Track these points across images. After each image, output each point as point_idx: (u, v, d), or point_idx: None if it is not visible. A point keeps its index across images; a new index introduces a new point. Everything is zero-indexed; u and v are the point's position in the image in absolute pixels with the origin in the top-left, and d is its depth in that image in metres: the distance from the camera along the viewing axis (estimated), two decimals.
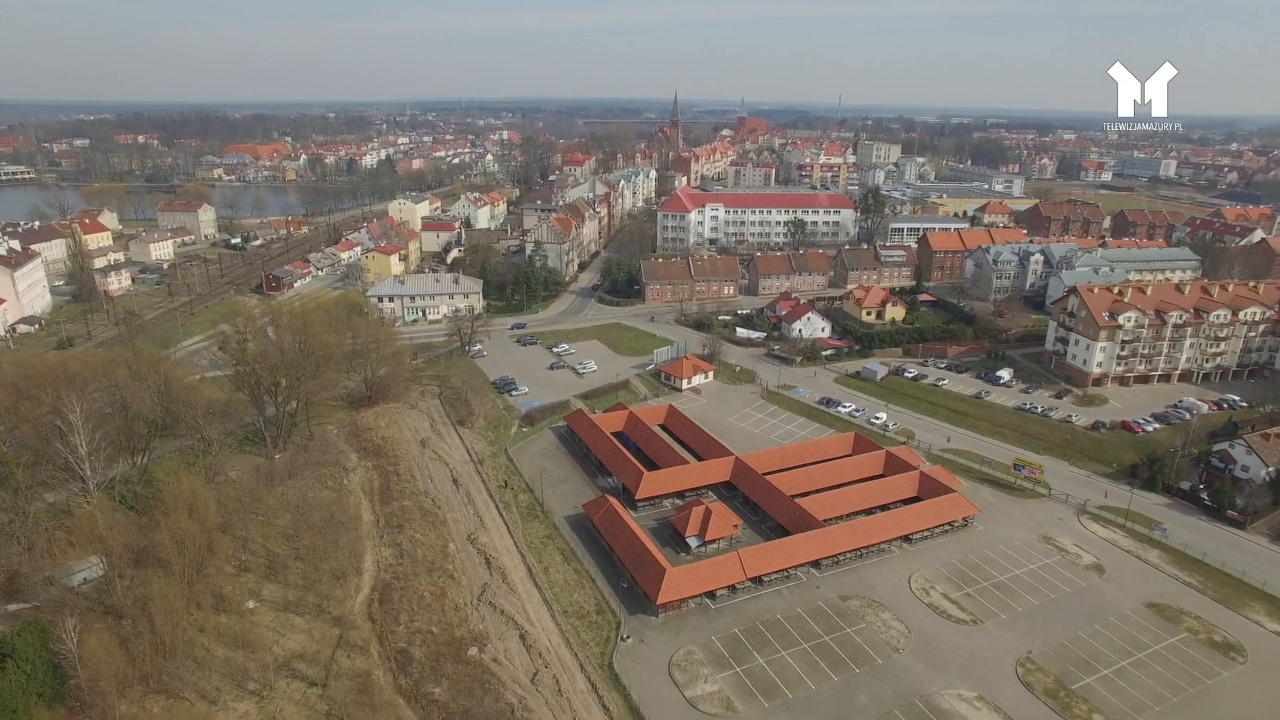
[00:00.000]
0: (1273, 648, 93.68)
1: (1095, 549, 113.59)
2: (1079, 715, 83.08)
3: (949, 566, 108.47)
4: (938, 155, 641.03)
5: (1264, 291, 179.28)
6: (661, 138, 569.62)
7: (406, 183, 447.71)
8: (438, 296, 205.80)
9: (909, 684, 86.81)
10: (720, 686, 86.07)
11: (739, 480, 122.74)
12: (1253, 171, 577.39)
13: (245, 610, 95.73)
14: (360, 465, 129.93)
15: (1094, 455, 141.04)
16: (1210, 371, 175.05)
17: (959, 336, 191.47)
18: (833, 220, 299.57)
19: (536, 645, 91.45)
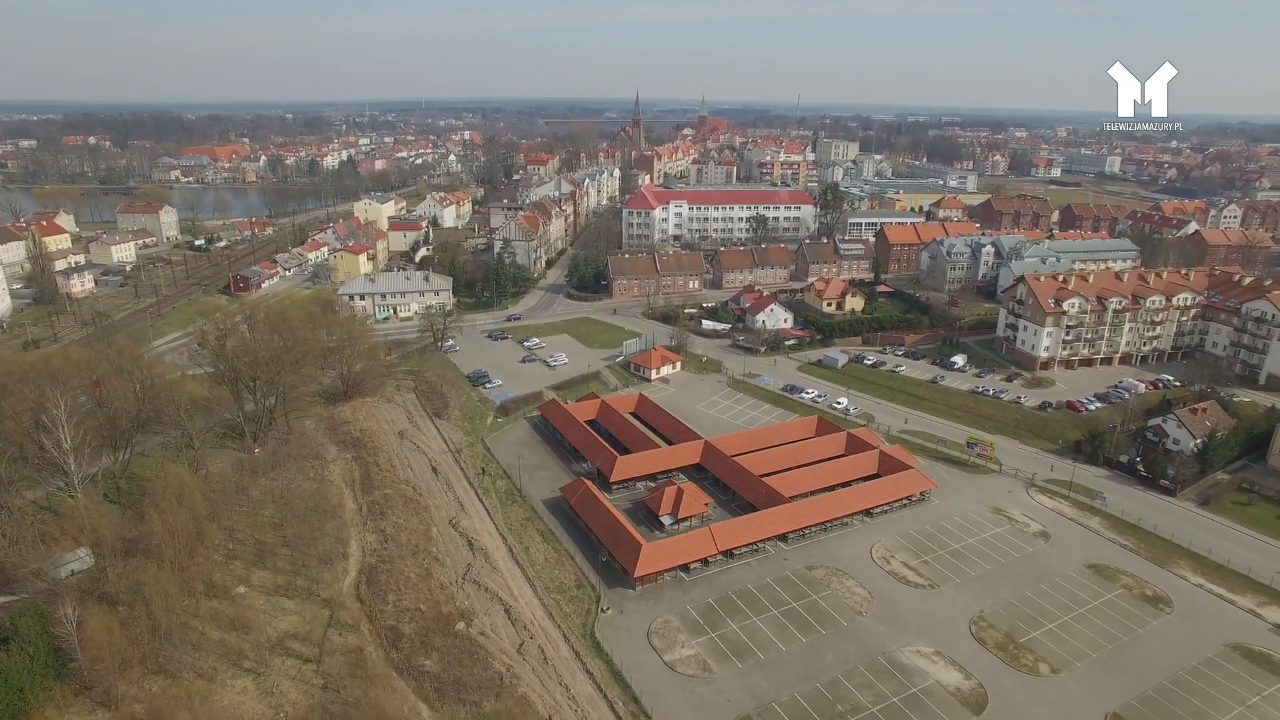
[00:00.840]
0: (1195, 598, 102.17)
1: (1042, 518, 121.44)
2: (1026, 664, 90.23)
3: (907, 537, 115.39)
4: (894, 153, 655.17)
5: (1194, 279, 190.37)
6: (624, 137, 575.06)
7: (370, 183, 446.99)
8: (408, 294, 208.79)
9: (872, 643, 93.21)
10: (696, 650, 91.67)
11: (708, 462, 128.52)
12: (1190, 168, 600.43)
13: (235, 595, 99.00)
14: (340, 457, 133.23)
15: (1041, 433, 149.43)
16: (1147, 354, 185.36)
17: (915, 325, 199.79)
18: (793, 216, 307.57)
19: (521, 619, 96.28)
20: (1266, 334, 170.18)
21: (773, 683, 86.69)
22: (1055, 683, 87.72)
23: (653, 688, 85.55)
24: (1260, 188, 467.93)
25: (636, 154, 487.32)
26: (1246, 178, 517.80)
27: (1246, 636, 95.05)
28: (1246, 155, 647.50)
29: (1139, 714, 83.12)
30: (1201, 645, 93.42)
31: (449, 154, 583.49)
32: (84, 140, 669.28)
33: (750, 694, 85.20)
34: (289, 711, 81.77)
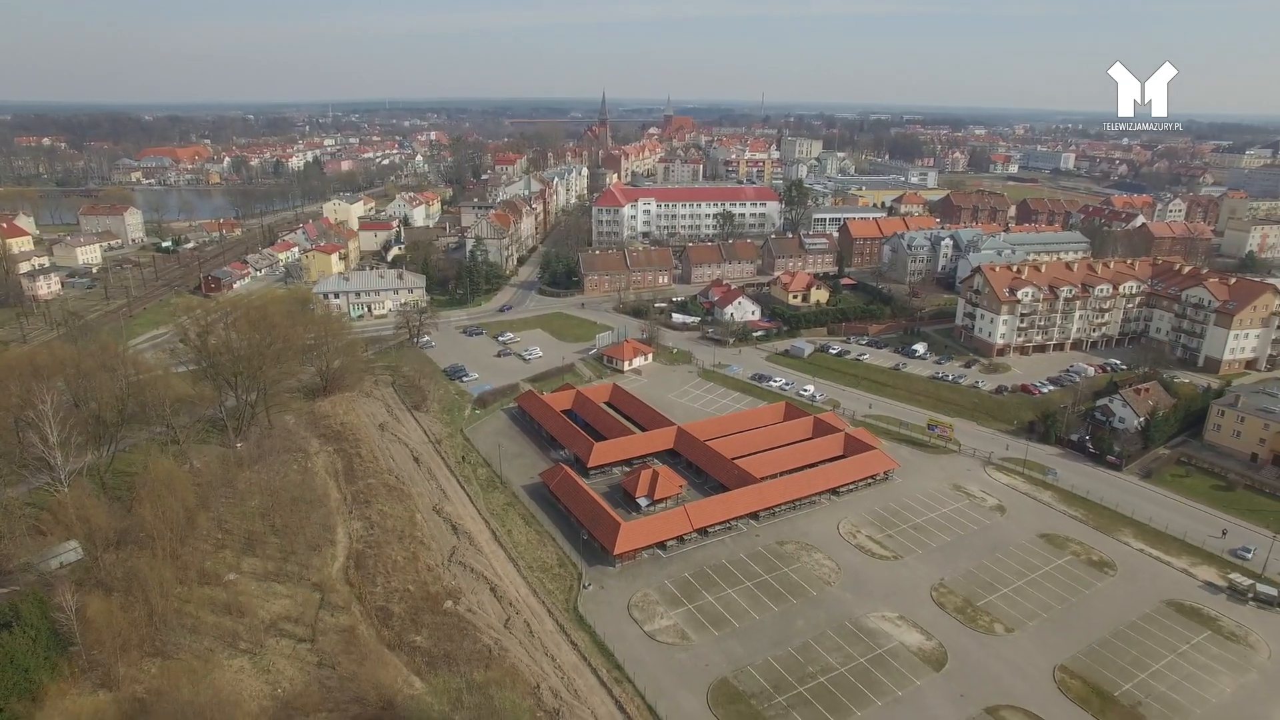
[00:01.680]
0: (1136, 561, 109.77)
1: (998, 493, 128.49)
2: (983, 625, 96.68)
3: (872, 513, 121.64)
4: (857, 150, 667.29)
5: (1139, 268, 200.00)
6: (591, 136, 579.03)
7: (337, 184, 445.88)
8: (382, 292, 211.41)
9: (840, 610, 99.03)
10: (675, 621, 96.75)
11: (681, 447, 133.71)
12: (1140, 164, 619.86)
13: (227, 582, 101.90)
14: (322, 450, 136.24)
15: (997, 415, 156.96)
16: (1097, 340, 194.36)
17: (878, 315, 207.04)
18: (759, 212, 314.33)
19: (507, 596, 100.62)
20: (1203, 319, 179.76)
21: (747, 648, 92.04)
22: (1009, 640, 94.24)
23: (634, 656, 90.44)
24: (1204, 183, 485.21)
25: (604, 153, 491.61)
26: (1191, 174, 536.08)
27: (1180, 593, 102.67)
28: (1192, 153, 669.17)
29: (1084, 665, 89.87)
30: (1141, 602, 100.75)
31: (415, 154, 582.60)
32: (37, 141, 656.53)
33: (726, 659, 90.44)
34: (286, 688, 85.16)
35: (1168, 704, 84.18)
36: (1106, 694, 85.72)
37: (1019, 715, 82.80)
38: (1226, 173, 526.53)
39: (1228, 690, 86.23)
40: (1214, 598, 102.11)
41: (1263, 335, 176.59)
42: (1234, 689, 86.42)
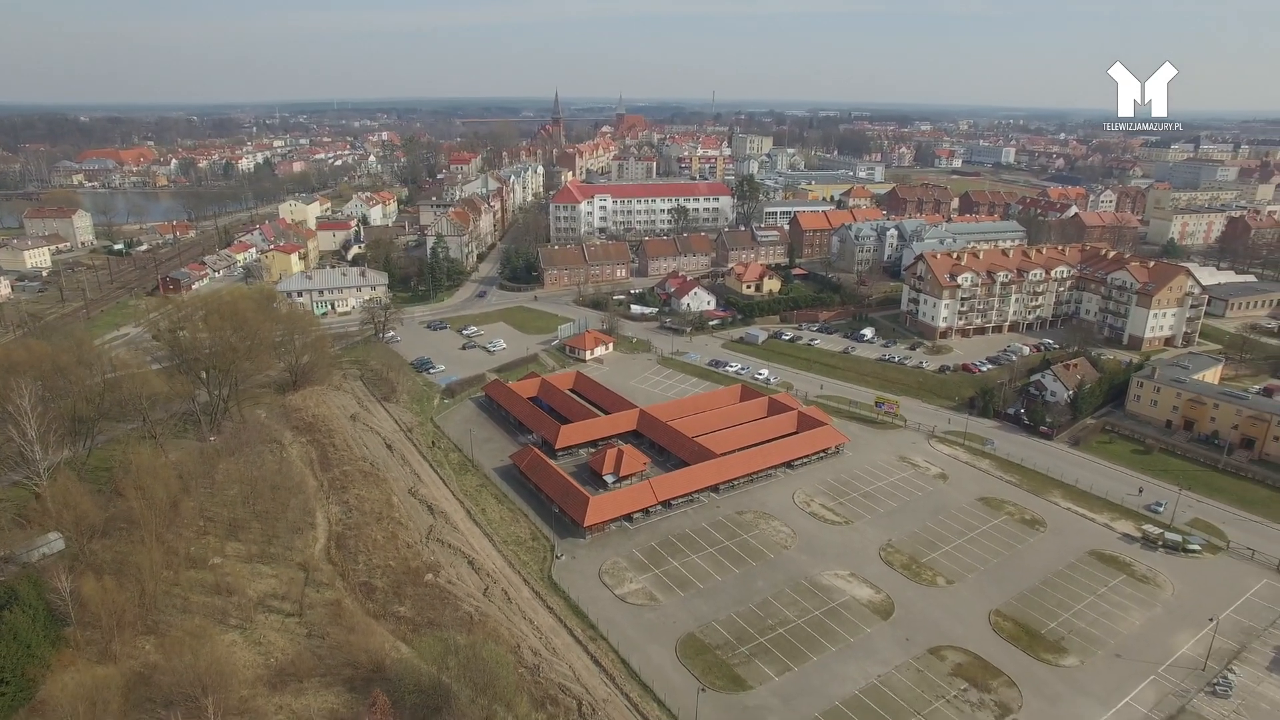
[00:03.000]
0: (1064, 519, 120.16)
1: (941, 463, 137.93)
2: (926, 579, 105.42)
3: (825, 484, 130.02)
4: (807, 146, 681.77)
5: (1069, 254, 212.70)
6: (544, 135, 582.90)
7: (290, 185, 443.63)
8: (345, 290, 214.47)
9: (796, 570, 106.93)
10: (643, 585, 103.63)
11: (644, 428, 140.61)
12: (1076, 158, 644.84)
13: (212, 565, 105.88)
14: (296, 440, 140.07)
15: (941, 392, 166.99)
16: (1032, 322, 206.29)
17: (828, 303, 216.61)
18: (712, 207, 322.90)
19: (484, 568, 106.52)
20: (1127, 300, 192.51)
21: (711, 606, 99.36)
22: (949, 591, 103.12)
23: (607, 616, 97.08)
24: (1133, 175, 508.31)
25: (558, 151, 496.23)
26: (1122, 166, 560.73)
27: (1101, 544, 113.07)
28: (1123, 147, 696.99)
29: (1015, 609, 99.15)
30: (1067, 554, 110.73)
31: (369, 155, 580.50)
32: None
33: (692, 616, 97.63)
34: (279, 657, 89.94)
35: (1086, 637, 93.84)
36: (1034, 632, 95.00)
37: (958, 653, 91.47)
38: (1154, 166, 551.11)
39: (1137, 623, 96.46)
40: (1130, 547, 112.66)
41: (1178, 314, 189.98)
42: (1142, 621, 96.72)
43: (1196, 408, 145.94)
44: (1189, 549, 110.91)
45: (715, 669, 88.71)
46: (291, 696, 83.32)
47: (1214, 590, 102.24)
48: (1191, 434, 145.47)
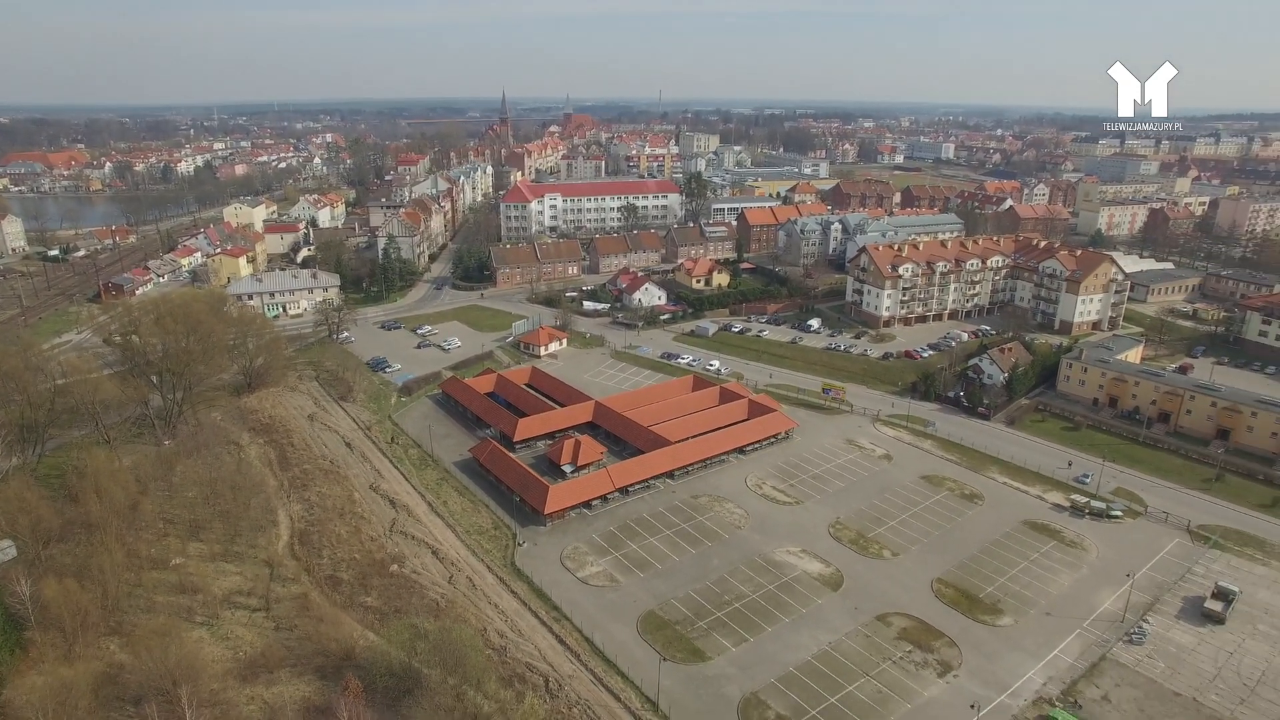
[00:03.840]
0: (1000, 492, 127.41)
1: (885, 444, 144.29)
2: (873, 552, 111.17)
3: (775, 467, 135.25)
4: (753, 144, 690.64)
5: (1003, 244, 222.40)
6: (492, 135, 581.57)
7: (233, 188, 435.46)
8: (296, 292, 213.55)
9: (750, 548, 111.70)
10: (604, 567, 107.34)
11: (600, 419, 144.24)
12: (1012, 153, 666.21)
13: (174, 566, 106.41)
14: (254, 441, 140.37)
15: (884, 378, 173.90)
16: (970, 309, 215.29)
17: (776, 296, 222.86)
18: (661, 204, 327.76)
19: (448, 557, 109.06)
20: (1057, 287, 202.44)
21: (670, 585, 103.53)
22: (895, 563, 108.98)
23: (569, 598, 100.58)
24: (1065, 169, 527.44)
25: (507, 151, 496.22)
26: (1054, 161, 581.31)
27: (1034, 514, 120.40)
28: (1056, 142, 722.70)
29: (956, 576, 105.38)
30: (1003, 524, 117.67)
31: (313, 157, 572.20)
32: None
33: (652, 595, 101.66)
34: (247, 650, 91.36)
35: (1020, 599, 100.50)
36: (973, 596, 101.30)
37: (903, 619, 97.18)
38: (1083, 160, 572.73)
39: (1065, 583, 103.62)
40: (1059, 515, 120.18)
41: (1104, 299, 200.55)
42: (1070, 582, 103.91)
43: (1120, 386, 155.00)
44: (1112, 515, 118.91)
45: (675, 643, 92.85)
46: (263, 687, 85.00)
47: (1133, 551, 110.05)
48: (1115, 410, 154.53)
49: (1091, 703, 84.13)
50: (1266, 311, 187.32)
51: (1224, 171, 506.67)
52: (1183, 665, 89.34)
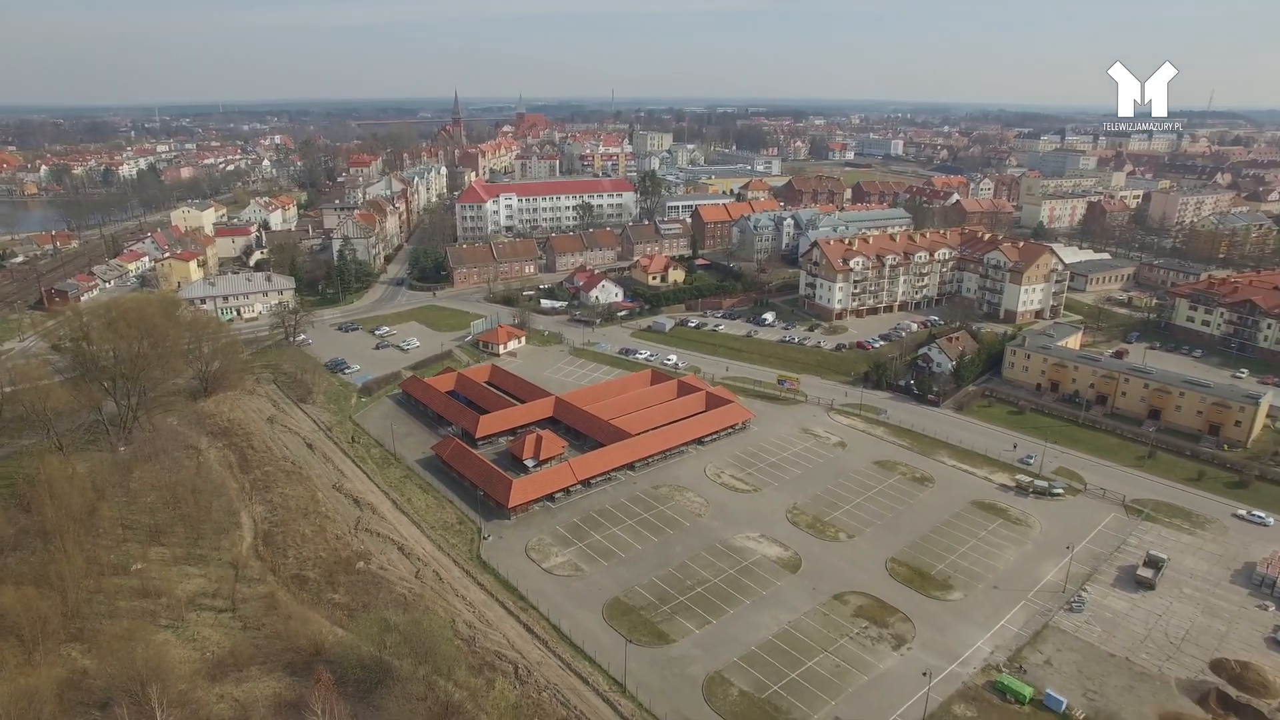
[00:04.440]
0: (950, 474, 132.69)
1: (839, 432, 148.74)
2: (829, 535, 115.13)
3: (734, 457, 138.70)
4: (706, 142, 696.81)
5: (950, 236, 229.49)
6: (445, 135, 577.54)
7: (180, 191, 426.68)
8: (251, 295, 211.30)
9: (710, 535, 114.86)
10: (568, 558, 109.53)
11: (560, 414, 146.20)
12: (958, 149, 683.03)
13: (135, 571, 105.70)
14: (213, 445, 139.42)
15: (838, 369, 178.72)
16: (919, 301, 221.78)
17: (730, 291, 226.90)
18: (616, 202, 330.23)
19: (414, 553, 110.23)
20: (1001, 278, 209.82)
21: (633, 572, 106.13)
22: (850, 545, 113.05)
23: (536, 588, 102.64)
24: (1009, 165, 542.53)
25: (460, 152, 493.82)
26: (999, 156, 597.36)
27: (982, 494, 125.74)
28: (1001, 138, 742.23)
29: (909, 555, 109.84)
30: (953, 504, 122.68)
31: (262, 159, 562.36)
32: None
33: (616, 583, 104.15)
34: (215, 651, 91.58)
35: (969, 574, 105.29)
36: (925, 573, 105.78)
37: (859, 597, 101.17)
38: (1026, 156, 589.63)
39: (1011, 558, 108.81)
40: (1005, 495, 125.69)
41: (1045, 289, 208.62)
42: (1016, 557, 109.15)
43: (1061, 371, 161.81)
44: (1054, 493, 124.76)
45: (641, 627, 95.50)
46: (232, 685, 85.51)
47: (1073, 526, 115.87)
48: (1057, 394, 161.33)
49: (1035, 667, 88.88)
50: (1193, 298, 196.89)
51: (1156, 166, 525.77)
52: (1117, 629, 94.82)
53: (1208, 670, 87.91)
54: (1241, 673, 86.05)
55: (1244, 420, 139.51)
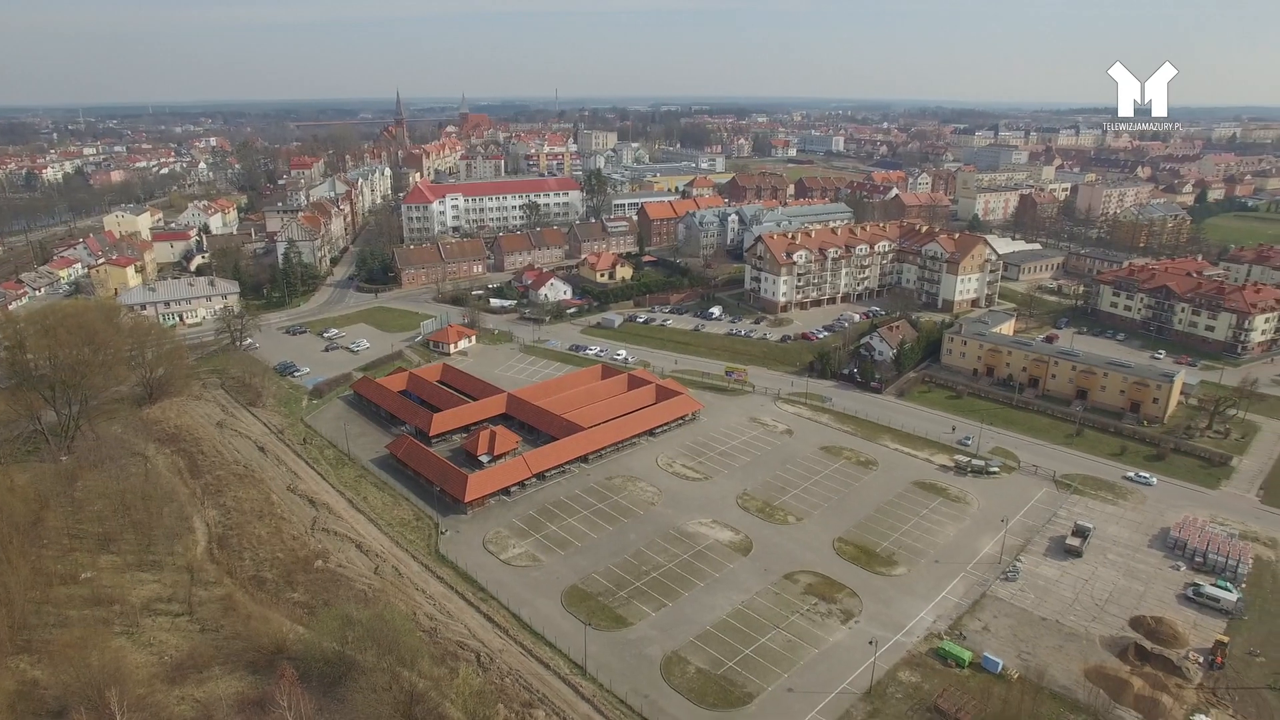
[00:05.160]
0: (893, 458, 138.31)
1: (786, 420, 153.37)
2: (779, 518, 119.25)
3: (685, 447, 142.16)
4: (650, 140, 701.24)
5: (889, 230, 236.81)
6: (388, 136, 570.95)
7: (111, 196, 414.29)
8: (194, 300, 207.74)
9: (664, 522, 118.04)
10: (526, 549, 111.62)
11: (513, 410, 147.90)
12: (897, 145, 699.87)
13: (84, 580, 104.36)
14: (161, 452, 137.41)
15: (784, 360, 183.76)
16: (861, 292, 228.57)
17: (678, 286, 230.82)
18: (562, 201, 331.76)
19: (372, 550, 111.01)
20: (938, 269, 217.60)
21: (590, 560, 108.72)
22: (799, 527, 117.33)
23: (495, 579, 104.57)
24: (945, 160, 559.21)
25: (404, 153, 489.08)
26: (936, 152, 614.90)
27: (923, 475, 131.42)
28: (938, 134, 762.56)
29: (855, 534, 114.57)
30: (896, 485, 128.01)
31: (198, 162, 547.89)
32: None
33: (573, 571, 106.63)
34: (173, 654, 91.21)
35: (911, 550, 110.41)
36: (870, 551, 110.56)
37: (808, 576, 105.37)
38: (962, 151, 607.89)
39: (951, 534, 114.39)
40: (945, 474, 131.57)
41: (980, 279, 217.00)
42: (955, 532, 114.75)
43: (995, 356, 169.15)
44: (990, 472, 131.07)
45: (599, 612, 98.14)
46: (193, 687, 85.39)
47: (1008, 501, 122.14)
48: (992, 378, 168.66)
49: (974, 633, 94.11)
50: (1116, 285, 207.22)
51: (1083, 160, 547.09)
52: (1049, 595, 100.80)
53: (1127, 627, 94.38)
54: (1156, 627, 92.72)
55: (1161, 397, 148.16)
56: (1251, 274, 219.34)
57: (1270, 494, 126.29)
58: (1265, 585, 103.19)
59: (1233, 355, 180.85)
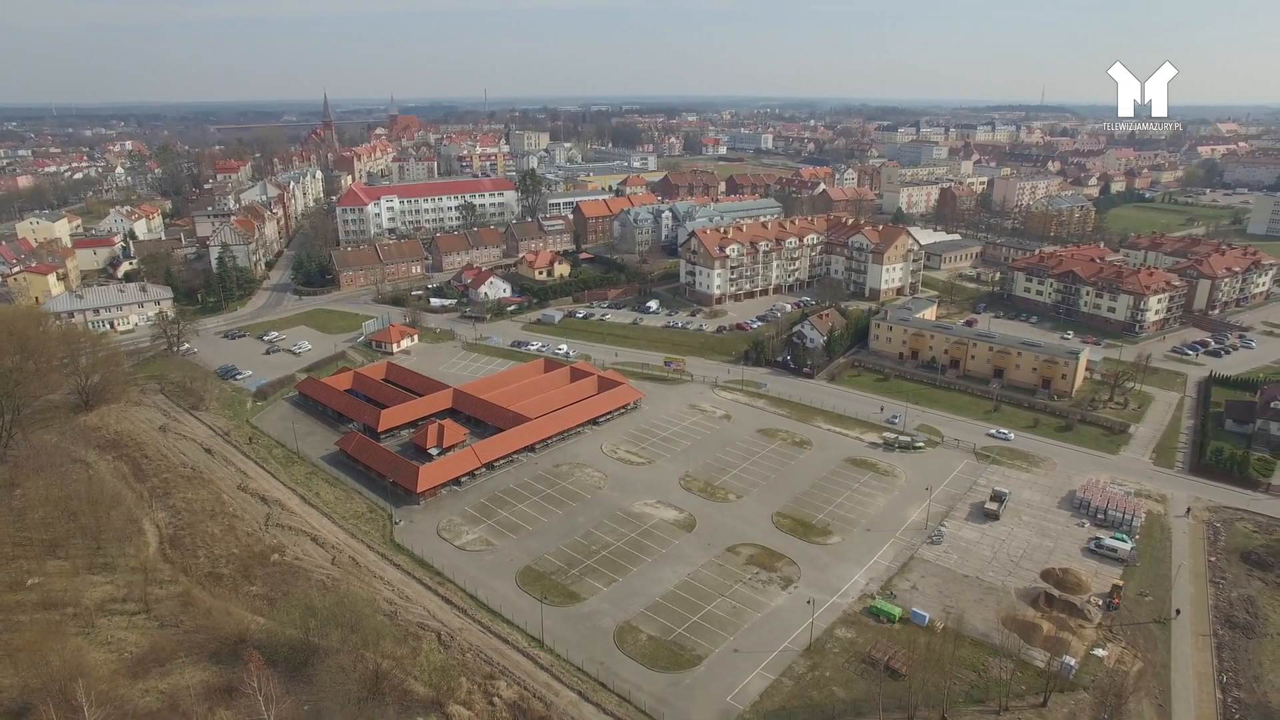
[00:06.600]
0: (826, 437, 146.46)
1: (724, 406, 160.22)
2: (720, 497, 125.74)
3: (628, 434, 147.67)
4: (582, 140, 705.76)
5: (817, 223, 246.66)
6: (316, 139, 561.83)
7: (21, 202, 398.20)
8: (125, 307, 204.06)
9: (611, 504, 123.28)
10: (479, 534, 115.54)
11: (460, 404, 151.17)
12: (824, 141, 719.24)
13: (31, 586, 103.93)
14: (102, 458, 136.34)
15: (720, 349, 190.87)
16: (792, 284, 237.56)
17: (615, 282, 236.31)
18: (498, 201, 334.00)
19: (328, 542, 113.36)
20: (864, 259, 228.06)
21: (541, 543, 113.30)
22: (739, 504, 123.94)
23: (451, 564, 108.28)
24: (870, 156, 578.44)
25: (335, 155, 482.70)
26: (861, 148, 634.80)
27: (854, 452, 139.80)
28: (863, 131, 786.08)
29: (792, 509, 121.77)
30: (829, 463, 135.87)
31: (115, 166, 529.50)
32: None
33: (526, 554, 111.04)
34: (133, 650, 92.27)
35: (844, 520, 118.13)
36: (807, 523, 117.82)
37: (750, 548, 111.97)
38: (886, 147, 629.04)
39: (881, 504, 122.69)
40: (874, 451, 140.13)
41: (904, 268, 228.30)
42: (884, 503, 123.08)
43: (919, 340, 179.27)
44: (916, 447, 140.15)
45: (553, 590, 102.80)
46: (157, 679, 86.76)
47: (932, 473, 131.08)
48: (917, 361, 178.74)
49: (903, 592, 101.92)
50: (1029, 272, 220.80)
51: (999, 155, 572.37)
52: (970, 555, 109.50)
53: (1039, 579, 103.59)
54: (1063, 577, 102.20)
55: (1068, 374, 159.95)
56: (1147, 259, 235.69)
57: (1161, 456, 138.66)
58: (1155, 535, 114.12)
59: (1131, 334, 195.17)
